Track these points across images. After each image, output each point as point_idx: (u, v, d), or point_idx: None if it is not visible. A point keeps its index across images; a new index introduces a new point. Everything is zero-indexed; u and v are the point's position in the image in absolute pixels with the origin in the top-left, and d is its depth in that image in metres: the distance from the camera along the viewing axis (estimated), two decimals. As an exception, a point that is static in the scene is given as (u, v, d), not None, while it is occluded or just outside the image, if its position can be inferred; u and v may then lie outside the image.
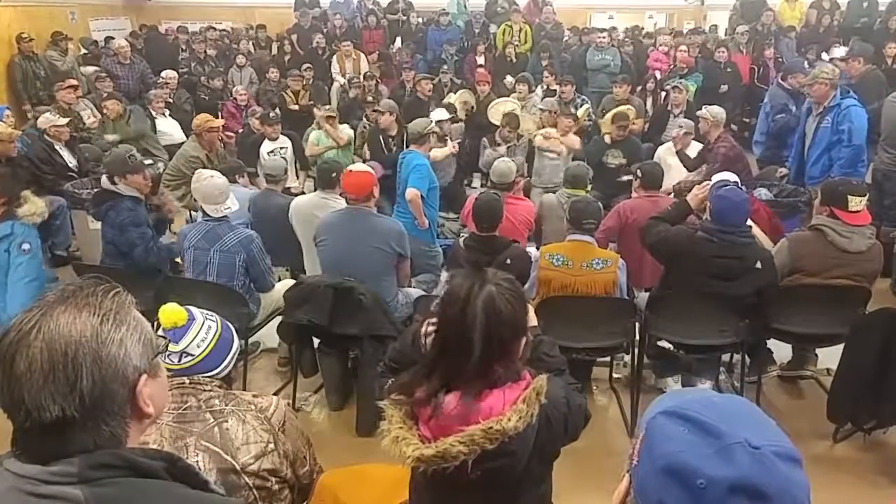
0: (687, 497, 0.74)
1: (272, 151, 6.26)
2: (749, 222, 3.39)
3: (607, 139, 6.12)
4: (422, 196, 4.38)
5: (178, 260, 4.06)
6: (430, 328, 1.53)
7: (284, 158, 5.95)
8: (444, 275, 3.88)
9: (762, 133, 6.44)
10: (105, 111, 6.96)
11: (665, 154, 5.88)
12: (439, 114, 6.30)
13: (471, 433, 1.32)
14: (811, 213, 4.07)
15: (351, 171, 3.66)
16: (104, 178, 3.89)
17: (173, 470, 0.97)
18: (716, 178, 4.12)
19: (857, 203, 3.37)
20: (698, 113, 5.66)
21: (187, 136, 6.40)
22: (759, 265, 3.28)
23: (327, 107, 7.03)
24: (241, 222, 3.96)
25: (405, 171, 4.49)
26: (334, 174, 4.17)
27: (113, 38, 9.95)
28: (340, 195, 3.94)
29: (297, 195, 4.84)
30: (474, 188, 6.34)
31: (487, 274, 1.47)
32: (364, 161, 6.13)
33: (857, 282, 3.39)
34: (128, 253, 3.82)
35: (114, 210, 3.79)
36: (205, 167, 5.58)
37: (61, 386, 0.90)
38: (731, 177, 4.43)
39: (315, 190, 4.55)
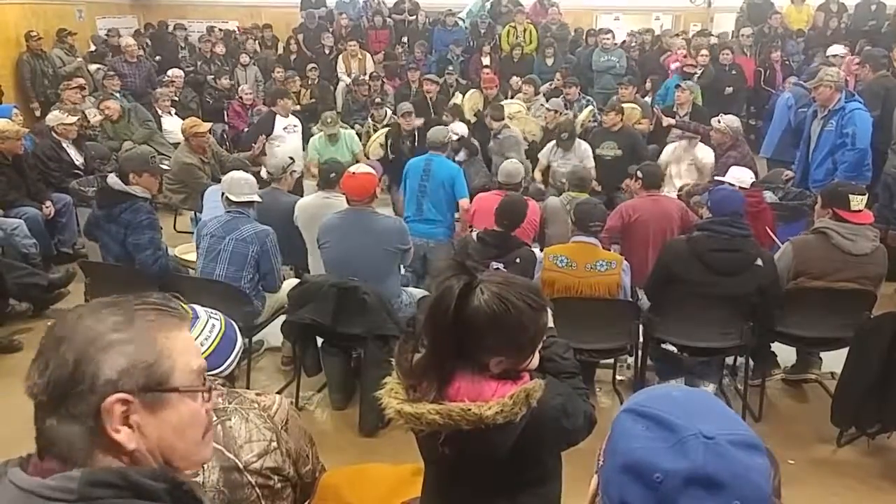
0: (646, 492, 0.75)
1: (286, 127, 6.63)
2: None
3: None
4: None
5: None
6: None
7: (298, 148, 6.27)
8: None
9: (780, 130, 6.35)
10: (107, 112, 6.98)
11: (668, 158, 5.84)
12: (458, 127, 6.34)
13: (449, 408, 1.36)
14: (817, 216, 4.07)
15: (353, 173, 3.67)
16: (113, 178, 3.86)
17: (177, 493, 0.92)
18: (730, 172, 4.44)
19: (859, 202, 3.40)
20: (713, 121, 5.58)
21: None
22: (759, 262, 3.30)
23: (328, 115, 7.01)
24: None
25: (439, 176, 4.63)
26: (333, 174, 4.21)
27: (120, 36, 9.98)
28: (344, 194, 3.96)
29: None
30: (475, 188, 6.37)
31: (476, 276, 1.44)
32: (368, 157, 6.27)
33: (861, 285, 3.38)
34: (131, 253, 3.78)
35: (130, 211, 3.75)
36: (201, 171, 5.63)
37: (42, 367, 0.91)
38: (745, 174, 4.50)
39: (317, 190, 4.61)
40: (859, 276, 3.38)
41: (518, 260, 3.45)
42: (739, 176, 4.50)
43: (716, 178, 4.82)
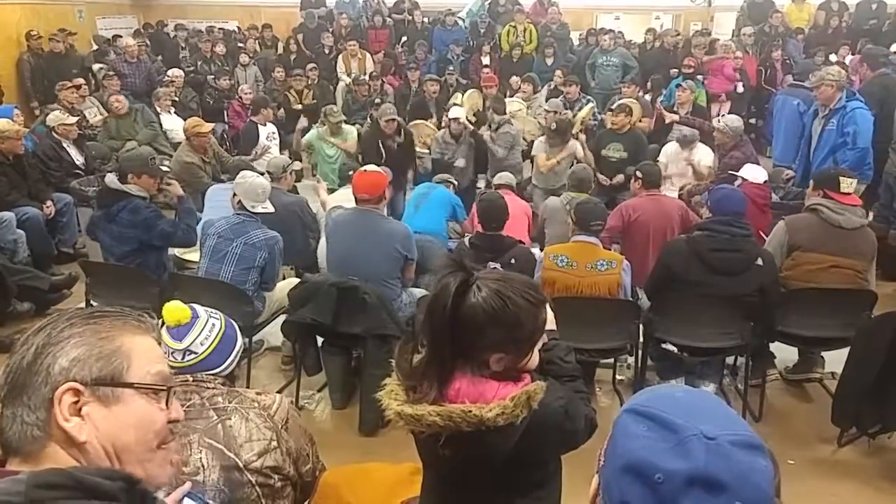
0: (647, 493, 0.75)
1: (267, 136, 6.77)
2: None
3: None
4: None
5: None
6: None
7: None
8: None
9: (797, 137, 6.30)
10: (116, 105, 6.98)
11: (667, 157, 5.84)
12: (456, 112, 6.33)
13: (449, 409, 1.35)
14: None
15: (364, 171, 3.69)
16: (111, 177, 3.88)
17: (132, 492, 0.87)
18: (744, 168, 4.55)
19: (849, 185, 3.54)
20: (714, 122, 5.56)
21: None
22: (760, 262, 3.32)
23: (332, 107, 7.00)
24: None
25: (440, 194, 4.74)
26: (351, 172, 4.53)
27: (120, 37, 9.99)
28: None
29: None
30: (478, 188, 6.35)
31: (473, 273, 1.43)
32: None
33: (855, 260, 3.46)
34: (162, 246, 3.92)
35: (128, 210, 3.76)
36: (202, 170, 5.66)
37: (5, 366, 0.92)
38: (760, 172, 4.52)
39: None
40: (850, 251, 3.46)
41: (513, 261, 3.43)
42: (754, 173, 4.56)
43: (730, 172, 4.83)
